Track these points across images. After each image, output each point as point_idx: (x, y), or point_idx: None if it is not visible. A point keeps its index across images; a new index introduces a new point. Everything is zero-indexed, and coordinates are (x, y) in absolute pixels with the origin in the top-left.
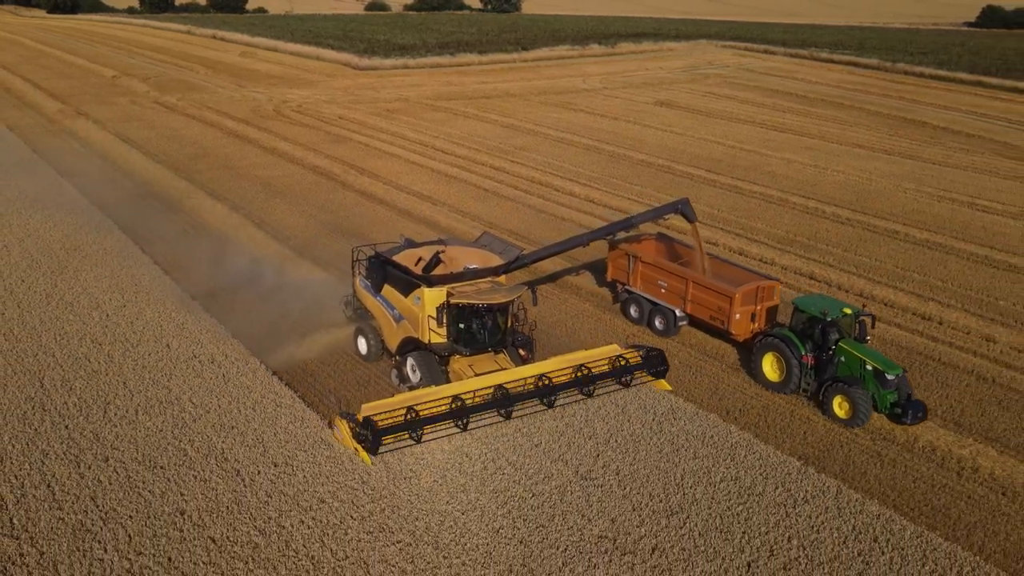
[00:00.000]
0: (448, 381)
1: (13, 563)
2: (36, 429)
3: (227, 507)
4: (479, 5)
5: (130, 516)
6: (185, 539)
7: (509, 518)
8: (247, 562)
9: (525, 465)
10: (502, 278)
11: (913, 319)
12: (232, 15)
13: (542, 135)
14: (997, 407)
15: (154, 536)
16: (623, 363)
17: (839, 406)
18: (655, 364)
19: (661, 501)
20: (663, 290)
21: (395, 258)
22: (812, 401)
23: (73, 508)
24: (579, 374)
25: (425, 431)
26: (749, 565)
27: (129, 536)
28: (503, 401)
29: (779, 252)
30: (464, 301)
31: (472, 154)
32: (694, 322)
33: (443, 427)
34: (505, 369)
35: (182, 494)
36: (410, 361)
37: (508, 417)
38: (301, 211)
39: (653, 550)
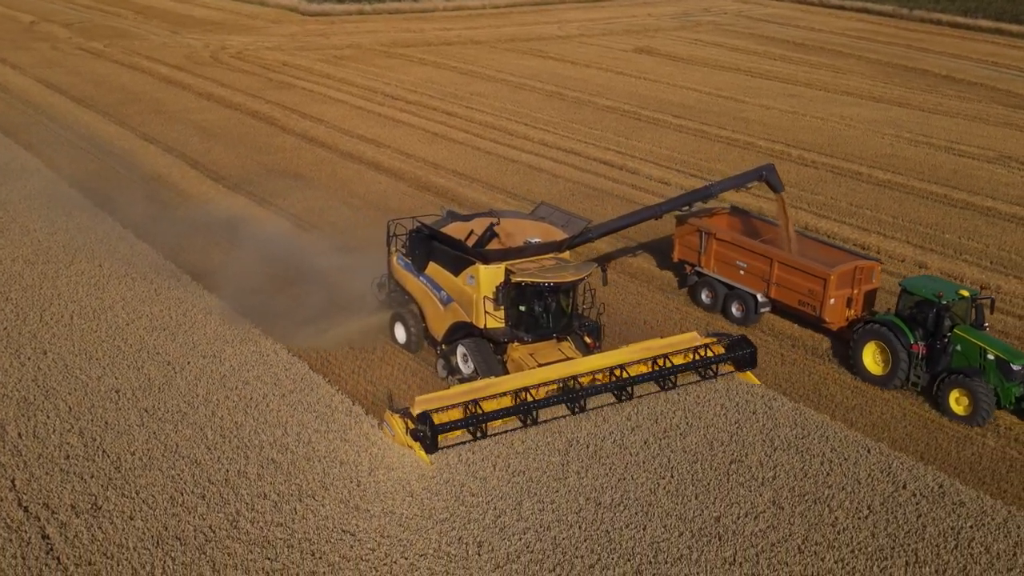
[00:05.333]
0: (506, 372)
1: None
2: None
3: (159, 387)
4: None
5: (69, 393)
6: (120, 409)
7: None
8: (176, 425)
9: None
10: (566, 254)
11: (852, 248)
12: None
13: (502, 81)
14: None
15: (92, 407)
16: (706, 353)
17: (956, 401)
18: (742, 354)
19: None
20: (742, 272)
21: (443, 232)
22: (923, 395)
23: (16, 387)
24: (657, 365)
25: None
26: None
27: (69, 407)
28: (574, 394)
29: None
30: (528, 279)
31: (424, 100)
32: (777, 308)
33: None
34: (572, 359)
35: (116, 378)
36: (461, 349)
37: (580, 412)
38: (237, 153)
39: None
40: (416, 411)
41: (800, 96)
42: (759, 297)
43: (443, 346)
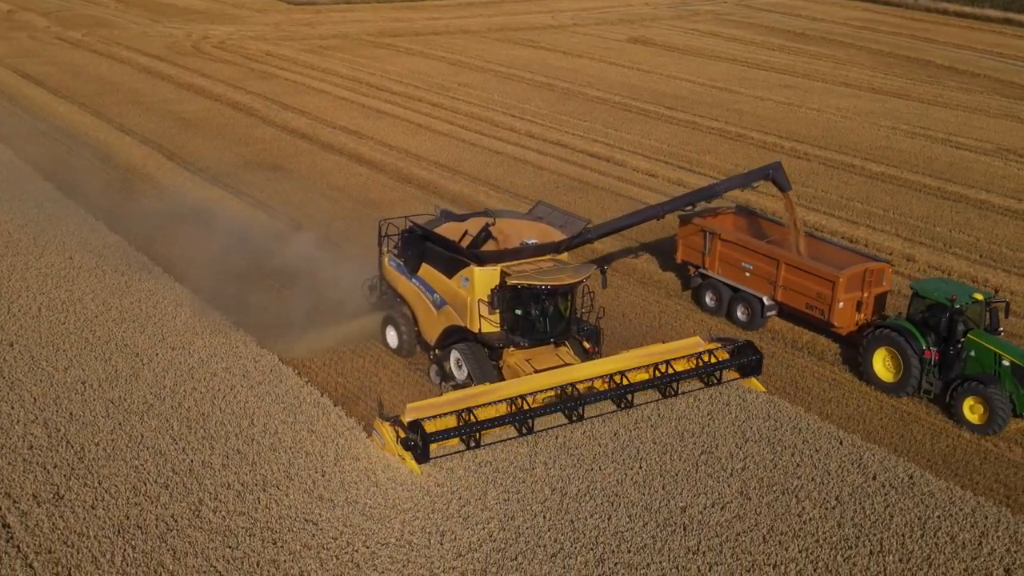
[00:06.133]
0: (501, 378)
1: None
2: None
3: (125, 378)
4: None
5: (35, 384)
6: (85, 401)
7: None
8: (142, 416)
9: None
10: (564, 255)
11: (840, 240)
12: None
13: (491, 72)
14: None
15: (57, 398)
16: (710, 358)
17: (971, 409)
18: (746, 359)
19: None
20: (747, 274)
21: (436, 232)
22: (936, 403)
23: None
24: (659, 371)
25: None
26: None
27: (34, 398)
28: (572, 402)
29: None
30: (525, 282)
31: (409, 91)
32: (784, 312)
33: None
34: (570, 364)
35: (83, 369)
36: (455, 354)
37: (578, 420)
38: (216, 144)
39: None
40: (407, 419)
41: (797, 87)
42: (765, 300)
43: (436, 351)
